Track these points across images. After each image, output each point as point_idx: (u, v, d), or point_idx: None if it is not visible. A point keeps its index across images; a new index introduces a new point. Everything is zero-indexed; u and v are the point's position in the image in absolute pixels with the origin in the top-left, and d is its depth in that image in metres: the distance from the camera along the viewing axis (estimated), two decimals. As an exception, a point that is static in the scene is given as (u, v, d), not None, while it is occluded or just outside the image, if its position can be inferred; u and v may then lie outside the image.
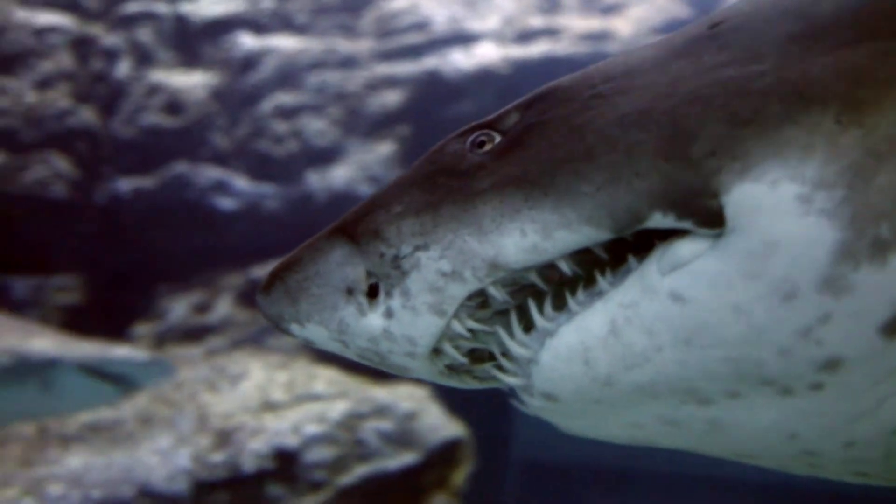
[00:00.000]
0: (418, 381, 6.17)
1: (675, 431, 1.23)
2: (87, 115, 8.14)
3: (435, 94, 8.46)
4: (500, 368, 1.33)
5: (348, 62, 8.68)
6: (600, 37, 8.46)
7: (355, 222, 1.35)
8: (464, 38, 8.67)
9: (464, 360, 1.34)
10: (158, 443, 5.32)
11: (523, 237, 1.19)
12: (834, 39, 1.15)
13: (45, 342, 4.41)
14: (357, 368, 6.24)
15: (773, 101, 1.11)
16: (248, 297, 7.33)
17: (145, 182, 7.91)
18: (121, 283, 7.42)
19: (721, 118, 1.12)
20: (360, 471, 5.36)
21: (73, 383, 4.34)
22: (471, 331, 1.31)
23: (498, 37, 8.70)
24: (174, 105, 8.25)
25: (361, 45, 8.79)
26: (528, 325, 1.28)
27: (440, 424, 5.71)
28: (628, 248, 1.22)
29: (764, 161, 1.08)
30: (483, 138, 1.33)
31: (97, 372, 4.37)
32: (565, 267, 1.22)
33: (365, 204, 1.37)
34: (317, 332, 1.38)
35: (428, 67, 8.52)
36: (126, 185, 7.90)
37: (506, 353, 1.31)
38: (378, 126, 8.35)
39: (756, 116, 1.10)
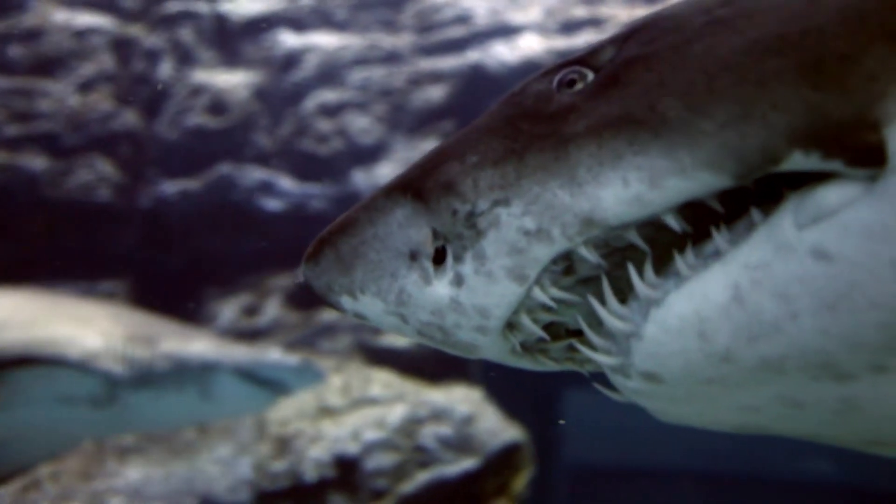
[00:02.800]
0: (472, 383, 6.05)
1: (797, 414, 1.05)
2: (130, 118, 8.09)
3: (479, 88, 8.31)
4: (588, 345, 1.15)
5: (391, 58, 8.56)
6: (647, 26, 8.26)
7: (421, 177, 1.18)
8: (506, 31, 8.52)
9: (543, 334, 1.18)
10: (218, 452, 5.24)
11: (626, 187, 1.02)
12: None
13: (202, 346, 4.30)
14: (412, 370, 6.12)
15: None
16: (297, 298, 7.23)
17: (190, 184, 7.84)
18: (168, 286, 7.35)
19: (882, 36, 0.94)
20: (421, 478, 5.23)
21: (229, 389, 4.23)
22: (553, 300, 1.14)
23: (541, 28, 8.55)
24: (217, 105, 8.18)
25: (403, 40, 8.67)
26: (621, 295, 1.12)
27: (498, 428, 5.57)
28: (747, 197, 1.04)
29: None
30: (573, 76, 1.16)
31: (252, 377, 4.26)
32: (673, 222, 1.05)
33: (432, 155, 1.21)
34: (372, 305, 1.23)
35: (471, 61, 8.38)
36: (171, 187, 7.83)
37: (594, 327, 1.14)
38: (423, 122, 8.22)
39: None
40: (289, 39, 8.62)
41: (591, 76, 1.14)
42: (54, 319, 4.27)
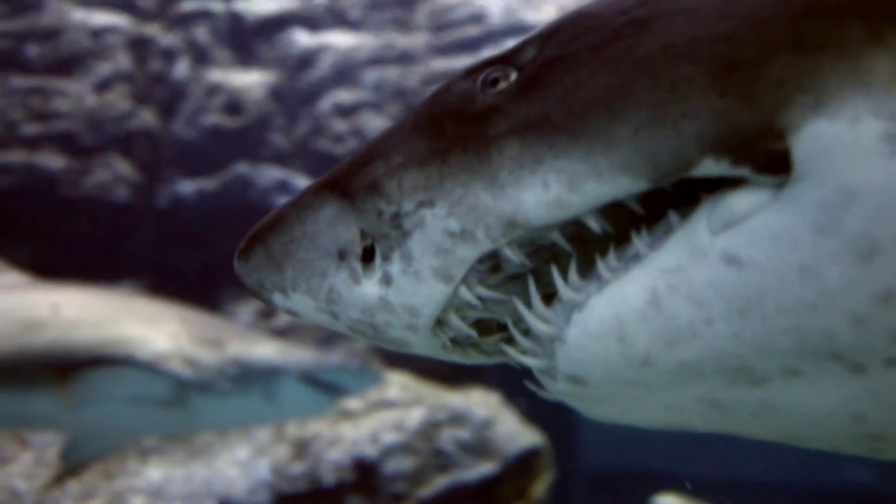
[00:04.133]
0: (489, 387, 6.05)
1: (719, 415, 1.07)
2: (147, 117, 8.10)
3: (495, 88, 8.30)
4: (514, 345, 1.16)
5: (405, 57, 8.56)
6: (663, 27, 8.22)
7: (348, 176, 1.19)
8: (521, 30, 8.49)
9: (472, 332, 1.19)
10: (236, 454, 5.26)
11: (546, 190, 1.03)
12: None
13: (267, 350, 4.36)
14: (429, 372, 6.12)
15: (852, 20, 0.92)
16: (313, 299, 7.24)
17: (207, 184, 7.86)
18: (185, 287, 7.37)
19: (788, 43, 0.94)
20: (439, 482, 5.24)
21: (293, 392, 4.27)
22: (481, 299, 1.15)
23: (556, 28, 8.52)
24: (233, 105, 8.19)
25: (417, 40, 8.66)
26: (548, 294, 1.12)
27: (517, 433, 5.57)
28: (666, 198, 1.05)
29: (843, 93, 0.90)
30: (496, 75, 1.14)
31: (314, 380, 4.30)
32: (594, 223, 1.06)
33: (359, 155, 1.21)
34: (303, 303, 1.24)
35: (486, 61, 8.36)
36: (188, 187, 7.85)
37: (521, 327, 1.15)
38: (438, 123, 8.22)
39: (832, 39, 0.92)
40: (303, 39, 8.63)
41: (514, 75, 1.14)
42: (124, 319, 4.32)
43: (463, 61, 8.41)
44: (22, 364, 4.12)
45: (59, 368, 4.04)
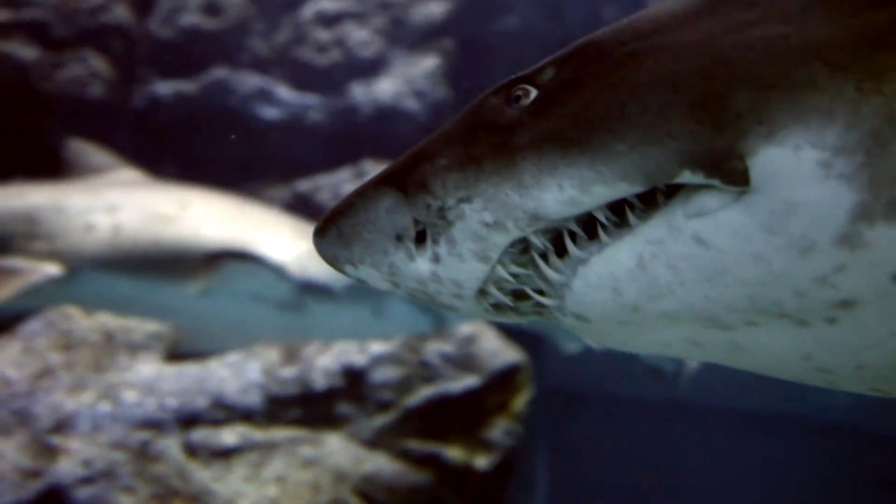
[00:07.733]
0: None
1: (699, 349, 1.34)
2: (121, 12, 7.81)
3: (480, 7, 8.19)
4: (539, 292, 1.41)
5: (391, -30, 8.36)
6: (652, -43, 8.16)
7: (403, 173, 1.42)
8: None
9: (507, 300, 1.42)
10: (228, 355, 5.25)
11: (561, 192, 1.26)
12: (859, 1, 1.18)
13: None
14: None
15: (797, 67, 1.14)
16: (294, 209, 7.17)
17: (185, 86, 7.64)
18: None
19: (747, 82, 1.16)
20: (424, 392, 5.33)
21: (399, 310, 4.47)
22: (514, 275, 1.38)
23: (542, -48, 8.40)
24: (212, 6, 7.93)
25: (403, -47, 8.45)
26: (563, 252, 1.36)
27: (499, 349, 5.67)
28: (657, 189, 1.28)
29: (788, 126, 1.13)
30: (520, 93, 1.37)
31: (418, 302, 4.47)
32: (602, 216, 1.29)
33: (411, 155, 1.44)
34: (369, 273, 1.48)
35: (473, -21, 8.24)
36: (165, 88, 7.63)
37: (544, 278, 1.40)
38: (422, 38, 8.09)
39: (780, 81, 1.14)
40: (285, -57, 8.35)
41: (534, 93, 1.36)
42: (246, 221, 4.55)
43: (447, -21, 8.25)
44: (155, 254, 4.31)
45: (193, 260, 4.25)
